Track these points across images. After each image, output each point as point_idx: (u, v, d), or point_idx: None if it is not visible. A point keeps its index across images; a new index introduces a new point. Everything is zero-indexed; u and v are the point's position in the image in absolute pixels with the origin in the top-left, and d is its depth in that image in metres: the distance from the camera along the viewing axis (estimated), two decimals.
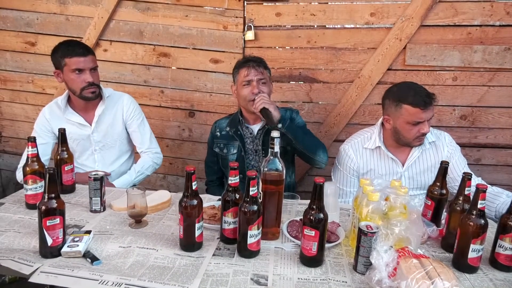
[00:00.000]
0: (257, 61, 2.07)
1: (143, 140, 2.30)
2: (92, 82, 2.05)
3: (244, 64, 2.06)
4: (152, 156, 2.31)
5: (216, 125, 2.26)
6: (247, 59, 2.11)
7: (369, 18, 2.51)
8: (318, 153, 1.99)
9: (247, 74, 2.02)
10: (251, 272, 1.27)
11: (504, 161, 2.65)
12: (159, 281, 1.20)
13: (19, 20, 2.89)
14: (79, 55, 2.01)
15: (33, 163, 1.66)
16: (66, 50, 2.02)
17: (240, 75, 2.06)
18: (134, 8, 2.73)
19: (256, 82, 2.02)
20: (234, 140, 2.16)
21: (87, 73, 2.03)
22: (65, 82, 2.07)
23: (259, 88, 2.01)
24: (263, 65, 2.08)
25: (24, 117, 3.13)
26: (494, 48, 2.43)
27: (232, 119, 2.22)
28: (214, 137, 2.23)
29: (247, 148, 2.15)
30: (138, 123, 2.28)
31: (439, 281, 1.07)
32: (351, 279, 1.25)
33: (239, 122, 2.16)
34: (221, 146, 2.19)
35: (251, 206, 1.30)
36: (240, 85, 2.06)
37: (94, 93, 2.09)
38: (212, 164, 2.29)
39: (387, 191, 1.41)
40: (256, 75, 2.02)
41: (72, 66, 2.01)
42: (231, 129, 2.17)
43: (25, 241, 1.40)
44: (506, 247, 1.29)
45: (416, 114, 1.80)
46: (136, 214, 1.56)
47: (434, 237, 1.50)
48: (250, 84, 2.03)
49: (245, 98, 2.04)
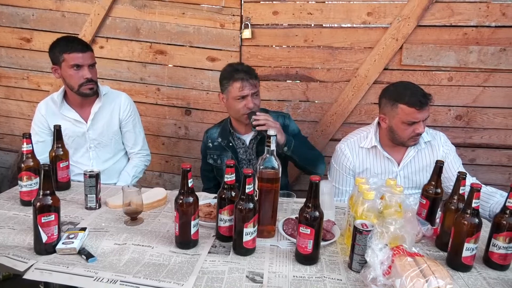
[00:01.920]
0: (248, 73, 1.99)
1: (136, 141, 2.31)
2: (90, 79, 2.04)
3: (236, 76, 1.98)
4: (143, 160, 2.36)
5: (207, 136, 2.22)
6: (236, 68, 2.02)
7: (366, 17, 2.52)
8: (319, 166, 2.04)
9: (242, 89, 1.95)
10: (246, 269, 1.28)
11: (498, 161, 2.67)
12: (154, 278, 1.20)
13: (15, 16, 2.87)
14: (78, 51, 2.00)
15: (28, 159, 1.66)
16: (65, 46, 2.00)
17: (233, 88, 1.97)
18: (131, 5, 2.72)
19: (250, 97, 1.97)
20: (226, 151, 2.14)
21: (85, 69, 2.02)
22: (63, 78, 2.06)
23: (253, 102, 1.97)
24: (254, 76, 2.01)
25: (19, 113, 3.11)
26: (490, 49, 2.45)
27: (223, 129, 2.17)
28: (207, 148, 2.20)
29: (240, 158, 2.14)
30: (133, 124, 2.28)
31: (433, 279, 1.08)
32: (346, 277, 1.26)
33: (230, 133, 2.13)
34: (214, 157, 2.18)
35: (247, 204, 1.31)
36: (233, 99, 1.99)
37: (92, 89, 2.08)
38: (207, 173, 2.29)
39: (383, 189, 1.42)
40: (250, 90, 1.97)
41: (70, 61, 1.99)
42: (223, 140, 2.15)
43: (20, 238, 1.39)
44: (499, 246, 1.30)
45: (411, 114, 1.81)
46: (131, 212, 1.55)
47: (428, 236, 1.51)
48: (244, 98, 1.97)
49: (238, 112, 2.00)
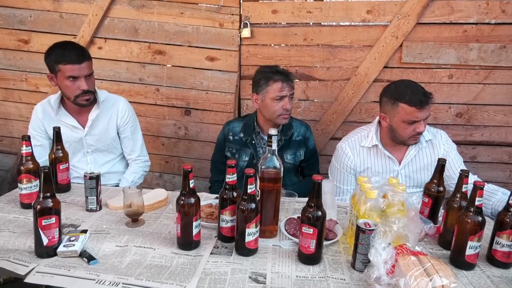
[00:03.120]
0: (287, 75, 2.06)
1: (134, 147, 2.27)
2: (87, 90, 1.97)
3: (275, 77, 2.04)
4: (142, 166, 2.31)
5: (229, 128, 2.21)
6: (277, 70, 2.08)
7: (366, 15, 2.51)
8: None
9: (282, 89, 2.02)
10: (249, 270, 1.27)
11: (499, 158, 2.66)
12: (156, 280, 1.19)
13: (12, 17, 2.85)
14: (74, 62, 1.91)
15: (27, 162, 1.64)
16: (61, 56, 1.92)
17: (273, 88, 2.02)
18: (129, 5, 2.70)
19: (288, 98, 2.03)
20: (247, 148, 2.15)
21: (82, 81, 1.94)
22: (59, 87, 2.00)
23: (290, 104, 2.04)
24: (292, 79, 2.08)
25: (17, 115, 3.09)
26: (490, 46, 2.44)
27: (246, 125, 2.18)
28: (227, 140, 2.20)
29: (259, 156, 2.13)
30: (131, 130, 2.24)
31: (437, 278, 1.07)
32: (350, 277, 1.25)
33: (253, 131, 2.15)
34: (233, 152, 2.18)
35: (249, 204, 1.30)
36: (271, 98, 2.03)
37: (89, 100, 2.02)
38: (220, 165, 2.25)
39: (385, 188, 1.41)
40: (289, 91, 2.04)
41: (66, 73, 1.92)
42: (245, 136, 2.15)
43: (20, 241, 1.38)
44: (503, 244, 1.30)
45: (412, 113, 1.80)
46: (132, 213, 1.55)
47: (431, 234, 1.51)
48: (282, 99, 2.02)
49: (275, 112, 2.05)
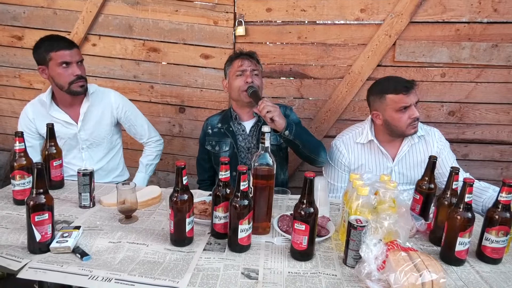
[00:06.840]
0: (250, 54, 2.10)
1: (142, 131, 2.32)
2: (80, 75, 2.00)
3: (237, 56, 2.09)
4: (154, 146, 2.38)
5: (207, 122, 2.23)
6: (240, 52, 2.12)
7: (359, 14, 2.53)
8: (321, 153, 1.97)
9: (241, 65, 2.04)
10: (241, 266, 1.28)
11: (491, 156, 2.69)
12: (149, 276, 1.20)
13: (5, 13, 2.83)
14: (65, 48, 1.96)
15: (20, 158, 1.64)
16: (51, 44, 1.96)
17: (233, 66, 2.06)
18: (123, 2, 2.70)
19: (249, 72, 2.02)
20: (226, 137, 2.14)
21: (74, 66, 1.98)
22: (52, 77, 2.00)
23: (252, 78, 2.01)
24: (255, 59, 2.10)
25: (11, 112, 3.08)
26: (482, 44, 2.46)
27: (224, 115, 2.20)
28: (206, 134, 2.20)
29: (239, 145, 2.13)
30: (133, 117, 2.26)
31: (426, 273, 1.09)
32: (341, 273, 1.26)
33: (231, 118, 2.15)
34: (213, 144, 2.17)
35: (242, 201, 1.31)
36: (233, 76, 2.05)
37: (83, 86, 2.04)
38: (203, 162, 2.27)
39: (377, 185, 1.42)
40: (249, 66, 2.04)
41: (58, 59, 1.95)
42: (223, 125, 2.15)
43: (13, 237, 1.38)
44: (492, 240, 1.31)
45: (401, 100, 1.84)
46: (126, 210, 1.55)
47: (422, 231, 1.52)
48: (243, 74, 2.03)
49: (238, 89, 2.03)
